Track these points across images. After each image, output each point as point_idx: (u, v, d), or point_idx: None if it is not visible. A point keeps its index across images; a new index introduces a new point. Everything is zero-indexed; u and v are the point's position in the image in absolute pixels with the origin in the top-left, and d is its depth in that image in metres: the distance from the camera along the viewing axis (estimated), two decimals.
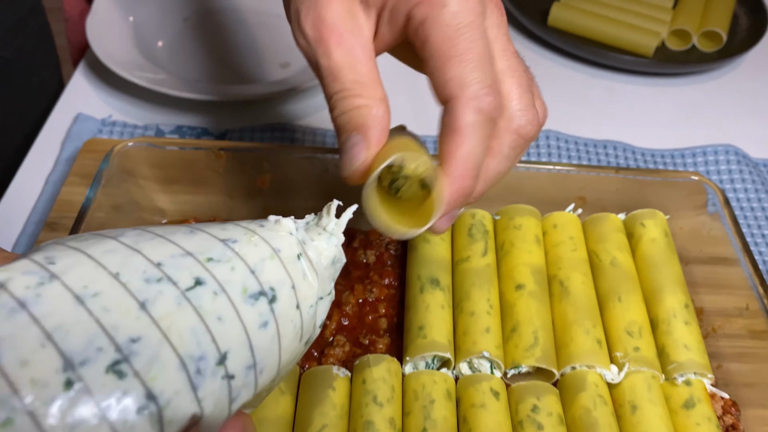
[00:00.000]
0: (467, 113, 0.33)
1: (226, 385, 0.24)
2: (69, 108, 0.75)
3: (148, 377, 0.21)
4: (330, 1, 0.35)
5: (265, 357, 0.25)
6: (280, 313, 0.26)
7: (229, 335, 0.24)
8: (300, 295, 0.27)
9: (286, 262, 0.27)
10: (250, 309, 0.25)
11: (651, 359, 0.49)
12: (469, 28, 0.33)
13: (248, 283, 0.25)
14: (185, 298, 0.23)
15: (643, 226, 0.56)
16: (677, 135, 0.78)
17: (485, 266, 0.52)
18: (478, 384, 0.46)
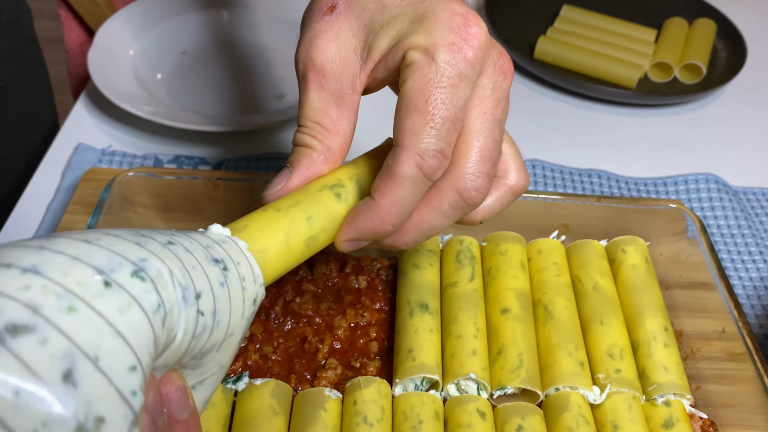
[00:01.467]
0: (408, 164, 0.34)
1: (195, 319, 0.27)
2: (70, 138, 0.77)
3: (159, 286, 0.26)
4: (327, 42, 0.37)
5: (221, 312, 0.29)
6: (231, 280, 0.30)
7: (201, 281, 0.28)
8: (242, 274, 0.32)
9: (227, 248, 0.32)
10: (212, 268, 0.29)
11: (632, 381, 0.50)
12: (446, 90, 0.34)
13: (205, 252, 0.30)
14: (166, 247, 0.28)
15: (624, 252, 0.59)
16: (659, 164, 0.81)
17: (472, 291, 0.54)
18: (465, 405, 0.48)
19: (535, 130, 0.85)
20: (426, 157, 0.34)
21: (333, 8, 0.37)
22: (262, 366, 0.52)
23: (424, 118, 0.34)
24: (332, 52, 0.37)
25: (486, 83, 0.37)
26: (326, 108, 0.37)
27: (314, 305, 0.56)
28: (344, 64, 0.37)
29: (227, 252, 0.31)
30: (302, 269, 0.58)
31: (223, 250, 0.31)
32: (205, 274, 0.29)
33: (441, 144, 0.34)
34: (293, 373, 0.52)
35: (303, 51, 0.38)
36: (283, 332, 0.54)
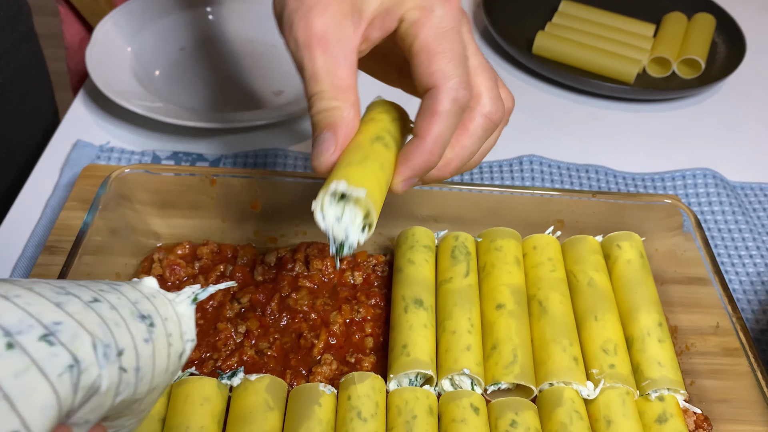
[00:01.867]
0: (445, 101, 0.39)
1: (118, 376, 0.28)
2: (68, 135, 0.77)
3: (72, 347, 0.27)
4: (322, 12, 0.40)
5: (146, 367, 0.30)
6: (157, 336, 0.31)
7: (124, 338, 0.29)
8: (169, 330, 0.33)
9: (156, 304, 0.33)
10: (137, 325, 0.30)
11: (626, 376, 0.51)
12: (451, 32, 0.40)
13: (132, 308, 0.31)
14: (89, 306, 0.29)
15: (620, 247, 0.59)
16: (657, 159, 0.81)
17: (467, 287, 0.54)
18: (459, 400, 0.48)
19: (532, 125, 0.85)
20: (459, 90, 0.39)
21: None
22: (258, 361, 0.52)
23: (447, 59, 0.39)
24: (329, 20, 0.40)
25: (465, 29, 0.42)
26: (335, 70, 0.40)
27: (310, 301, 0.56)
28: (341, 28, 0.40)
29: (155, 307, 0.32)
30: (298, 265, 0.59)
31: (152, 305, 0.32)
32: (129, 331, 0.30)
33: (466, 77, 0.40)
34: (289, 368, 0.52)
35: (302, 24, 0.40)
36: (278, 328, 0.55)
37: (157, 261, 0.58)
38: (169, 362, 0.33)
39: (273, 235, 0.62)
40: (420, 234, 0.58)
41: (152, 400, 0.33)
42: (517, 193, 0.60)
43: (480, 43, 0.98)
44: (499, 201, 0.61)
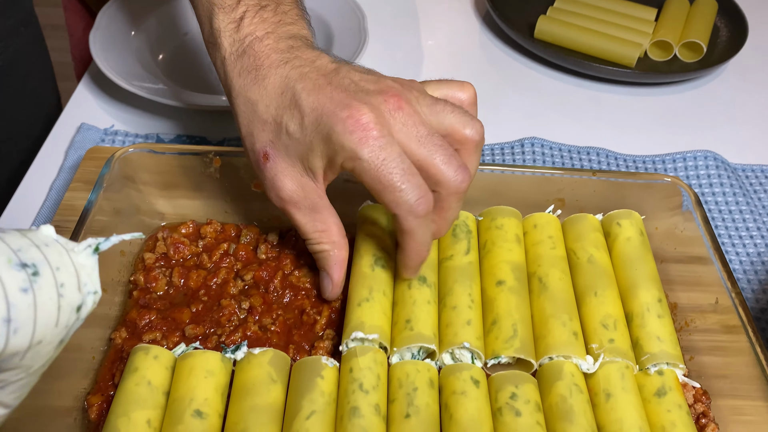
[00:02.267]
0: (408, 221, 0.46)
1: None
2: (72, 118, 0.78)
3: None
4: (283, 182, 0.48)
5: (21, 320, 0.29)
6: (41, 286, 0.30)
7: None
8: (61, 280, 0.31)
9: (48, 252, 0.31)
10: (12, 273, 0.29)
11: (625, 350, 0.51)
12: (383, 164, 0.44)
13: (12, 256, 0.30)
14: None
15: (619, 225, 0.59)
16: (659, 142, 0.81)
17: (468, 264, 0.55)
18: (459, 372, 0.48)
19: (534, 108, 0.85)
20: (414, 207, 0.45)
21: (267, 156, 0.48)
22: (262, 337, 0.53)
23: (388, 190, 0.44)
24: (291, 185, 0.48)
25: (397, 128, 0.45)
26: (311, 221, 0.50)
27: (312, 278, 0.57)
28: (303, 187, 0.48)
29: (45, 256, 0.31)
30: (300, 243, 0.59)
31: (41, 254, 0.31)
32: (0, 280, 0.29)
33: (416, 190, 0.44)
34: (292, 343, 0.53)
35: (273, 192, 0.50)
36: (281, 304, 0.55)
37: (161, 239, 0.59)
38: (59, 315, 0.31)
39: (276, 215, 0.62)
40: None
41: (41, 355, 0.31)
42: (518, 173, 0.61)
43: (482, 28, 0.98)
44: (500, 181, 0.61)
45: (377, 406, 0.46)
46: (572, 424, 0.46)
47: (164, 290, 0.55)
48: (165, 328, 0.52)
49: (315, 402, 0.46)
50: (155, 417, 0.45)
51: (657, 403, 0.49)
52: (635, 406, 0.48)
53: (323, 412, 0.45)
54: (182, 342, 0.52)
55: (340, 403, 0.46)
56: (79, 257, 0.33)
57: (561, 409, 0.47)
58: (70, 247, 0.33)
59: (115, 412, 0.45)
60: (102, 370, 0.51)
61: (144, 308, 0.54)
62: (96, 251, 0.34)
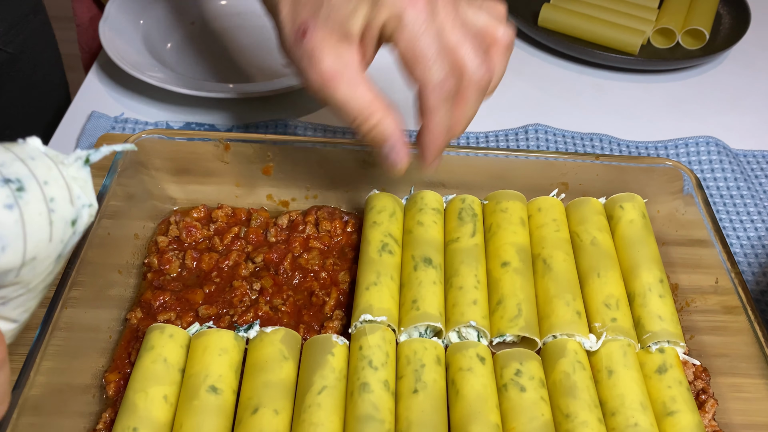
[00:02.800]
0: (431, 99, 0.45)
1: None
2: (83, 106, 0.79)
3: None
4: (321, 54, 0.45)
5: (9, 235, 0.28)
6: (27, 201, 0.29)
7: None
8: (50, 194, 0.30)
9: (34, 166, 0.30)
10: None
11: (627, 329, 0.52)
12: (424, 33, 0.43)
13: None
14: None
15: (622, 208, 0.60)
16: (662, 128, 0.82)
17: (473, 246, 0.56)
18: (465, 350, 0.50)
19: (538, 96, 0.86)
20: (441, 84, 0.44)
21: (305, 32, 0.46)
22: (273, 317, 0.54)
23: (420, 63, 0.44)
24: (330, 57, 0.46)
25: (440, 7, 0.45)
26: (355, 92, 0.46)
27: (320, 261, 0.58)
28: (341, 58, 0.46)
29: (31, 170, 0.29)
30: (309, 227, 0.61)
31: (27, 168, 0.29)
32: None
33: (445, 69, 0.44)
34: (302, 323, 0.54)
35: (312, 72, 0.46)
36: (291, 286, 0.57)
37: (174, 223, 0.60)
38: (52, 230, 0.30)
39: (285, 199, 0.64)
40: (429, 197, 0.60)
41: (39, 270, 0.30)
42: (522, 157, 0.62)
43: None
44: (504, 165, 0.62)
45: (386, 382, 0.47)
46: (575, 399, 0.48)
47: (177, 272, 0.57)
48: (179, 308, 0.54)
49: (326, 378, 0.47)
50: (171, 393, 0.47)
51: (658, 380, 0.50)
52: (637, 382, 0.49)
53: (334, 387, 0.47)
54: (196, 322, 0.53)
55: (351, 379, 0.48)
56: (69, 170, 0.31)
57: (564, 385, 0.49)
58: (60, 159, 0.31)
59: (133, 388, 0.46)
60: (118, 349, 0.52)
61: (158, 289, 0.55)
62: (87, 163, 0.32)
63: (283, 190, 0.64)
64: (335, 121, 0.78)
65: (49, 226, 0.30)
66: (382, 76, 0.55)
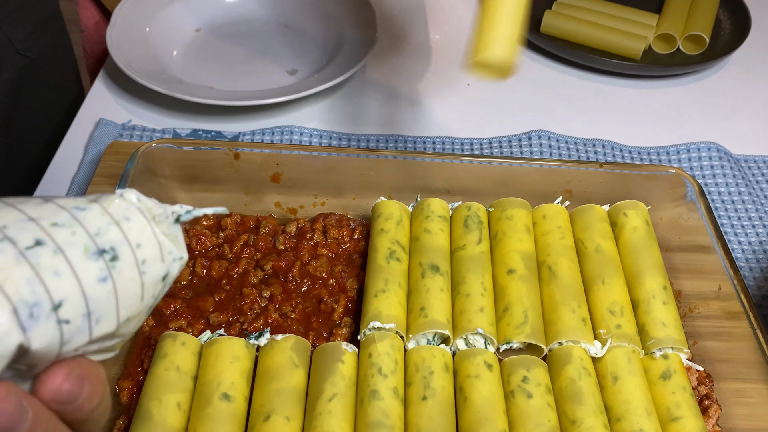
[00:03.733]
0: None
1: (57, 329, 0.27)
2: (91, 114, 0.80)
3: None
4: None
5: (101, 309, 0.28)
6: (120, 270, 0.29)
7: (64, 287, 0.27)
8: (142, 257, 0.30)
9: (128, 228, 0.30)
10: (89, 265, 0.28)
11: (631, 335, 0.53)
12: None
13: (89, 244, 0.28)
14: (23, 256, 0.26)
15: (626, 215, 0.61)
16: (663, 134, 0.83)
17: (480, 253, 0.57)
18: (473, 357, 0.51)
19: (540, 101, 0.87)
20: None
21: None
22: (282, 324, 0.55)
23: None
24: None
25: None
26: None
27: (329, 268, 0.59)
28: None
29: (125, 235, 0.29)
30: (317, 234, 0.61)
31: (121, 232, 0.29)
32: (76, 277, 0.27)
33: None
34: (311, 330, 0.55)
35: None
36: (300, 293, 0.57)
37: (184, 231, 0.61)
38: (143, 291, 0.30)
39: (293, 207, 0.65)
40: (435, 205, 0.61)
41: (133, 324, 0.31)
42: (526, 165, 0.63)
43: None
44: (509, 173, 0.63)
45: (395, 389, 0.48)
46: (581, 405, 0.48)
47: (188, 280, 0.58)
48: (190, 316, 0.55)
49: (336, 385, 0.48)
50: (185, 400, 0.48)
51: (662, 386, 0.51)
52: (641, 388, 0.50)
53: (344, 394, 0.48)
54: (207, 329, 0.54)
55: (360, 387, 0.49)
56: (161, 225, 0.31)
57: (570, 392, 0.50)
58: (153, 213, 0.31)
59: (147, 396, 0.47)
60: (131, 356, 0.53)
61: (169, 297, 0.56)
62: (177, 221, 0.32)
63: (291, 198, 0.65)
64: (343, 128, 0.79)
65: (140, 288, 0.30)
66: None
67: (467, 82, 0.89)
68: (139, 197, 0.32)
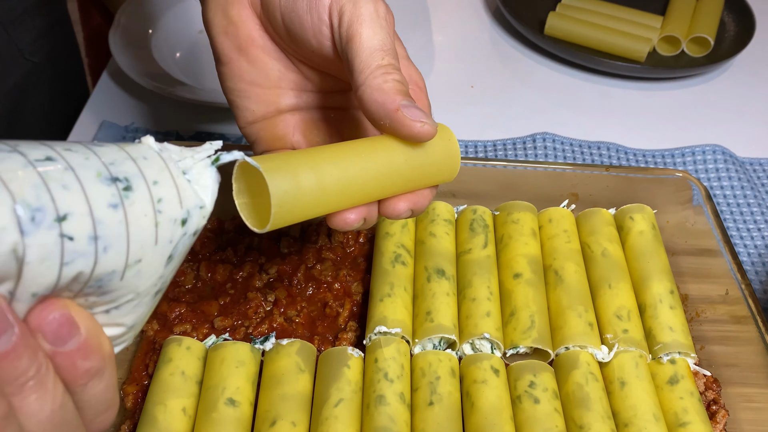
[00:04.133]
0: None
1: (58, 244, 0.25)
2: (94, 116, 0.79)
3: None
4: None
5: (111, 236, 0.27)
6: (133, 201, 0.27)
7: (72, 202, 0.26)
8: (158, 195, 0.28)
9: (144, 165, 0.29)
10: (100, 188, 0.27)
11: (639, 340, 0.53)
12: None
13: (102, 170, 0.27)
14: (31, 164, 0.25)
15: (632, 219, 0.61)
16: (667, 136, 0.83)
17: (486, 257, 0.57)
18: (480, 362, 0.50)
19: (545, 104, 0.87)
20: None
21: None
22: (287, 328, 0.54)
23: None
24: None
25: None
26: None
27: (333, 272, 0.58)
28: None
29: (141, 169, 0.28)
30: (322, 238, 0.61)
31: (137, 167, 0.28)
32: (85, 195, 0.26)
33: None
34: (316, 334, 0.55)
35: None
36: (305, 297, 0.57)
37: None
38: (157, 231, 0.28)
39: None
40: (440, 208, 0.60)
41: (147, 274, 0.29)
42: (531, 168, 0.62)
43: (492, 25, 0.99)
44: (515, 176, 0.63)
45: (402, 394, 0.48)
46: (589, 410, 0.48)
47: (192, 284, 0.57)
48: (194, 320, 0.54)
49: (342, 390, 0.48)
50: (190, 405, 0.47)
51: (669, 391, 0.51)
52: (649, 394, 0.50)
53: (350, 399, 0.47)
54: (212, 334, 0.54)
55: (367, 392, 0.48)
56: (191, 171, 0.30)
57: (578, 397, 0.49)
58: (177, 157, 0.30)
59: (152, 401, 0.47)
60: (135, 360, 0.53)
61: (174, 301, 0.56)
62: (215, 163, 0.31)
63: None
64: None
65: (154, 227, 0.28)
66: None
67: (471, 84, 0.88)
68: (165, 146, 0.30)
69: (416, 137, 0.37)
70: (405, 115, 0.37)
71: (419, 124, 0.37)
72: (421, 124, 0.37)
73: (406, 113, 0.37)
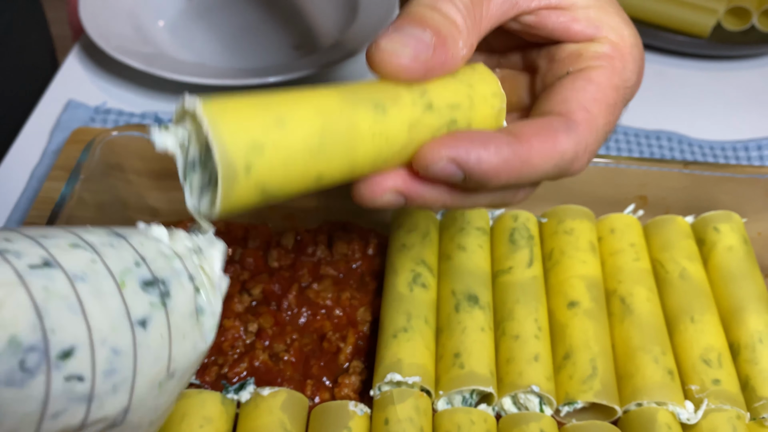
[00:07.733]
0: (569, 145, 0.31)
1: (66, 389, 0.23)
2: (60, 94, 0.70)
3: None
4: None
5: (126, 369, 0.24)
6: (171, 308, 0.25)
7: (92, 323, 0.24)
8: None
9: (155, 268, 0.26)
10: (142, 296, 0.25)
11: (734, 394, 0.41)
12: (620, 104, 0.33)
13: (137, 272, 0.25)
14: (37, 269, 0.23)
15: (717, 231, 0.49)
16: (737, 125, 0.72)
17: (531, 279, 0.45)
18: (525, 425, 0.39)
19: None
20: (581, 155, 0.31)
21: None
22: (272, 368, 0.43)
23: (603, 117, 0.32)
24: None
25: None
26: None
27: (335, 293, 0.47)
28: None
29: (184, 267, 0.26)
30: (320, 249, 0.49)
31: (180, 263, 0.26)
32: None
33: (595, 147, 0.32)
34: (309, 377, 0.44)
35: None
36: (297, 326, 0.46)
37: None
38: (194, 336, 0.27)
39: (290, 212, 0.53)
40: (472, 214, 0.49)
41: (164, 401, 0.26)
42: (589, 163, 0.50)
43: None
44: None
45: None
46: None
47: None
48: None
49: None
50: None
51: None
52: None
53: None
54: None
55: None
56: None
57: None
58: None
59: None
60: None
61: None
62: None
63: (288, 201, 0.53)
64: None
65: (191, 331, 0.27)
66: None
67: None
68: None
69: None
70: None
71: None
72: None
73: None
